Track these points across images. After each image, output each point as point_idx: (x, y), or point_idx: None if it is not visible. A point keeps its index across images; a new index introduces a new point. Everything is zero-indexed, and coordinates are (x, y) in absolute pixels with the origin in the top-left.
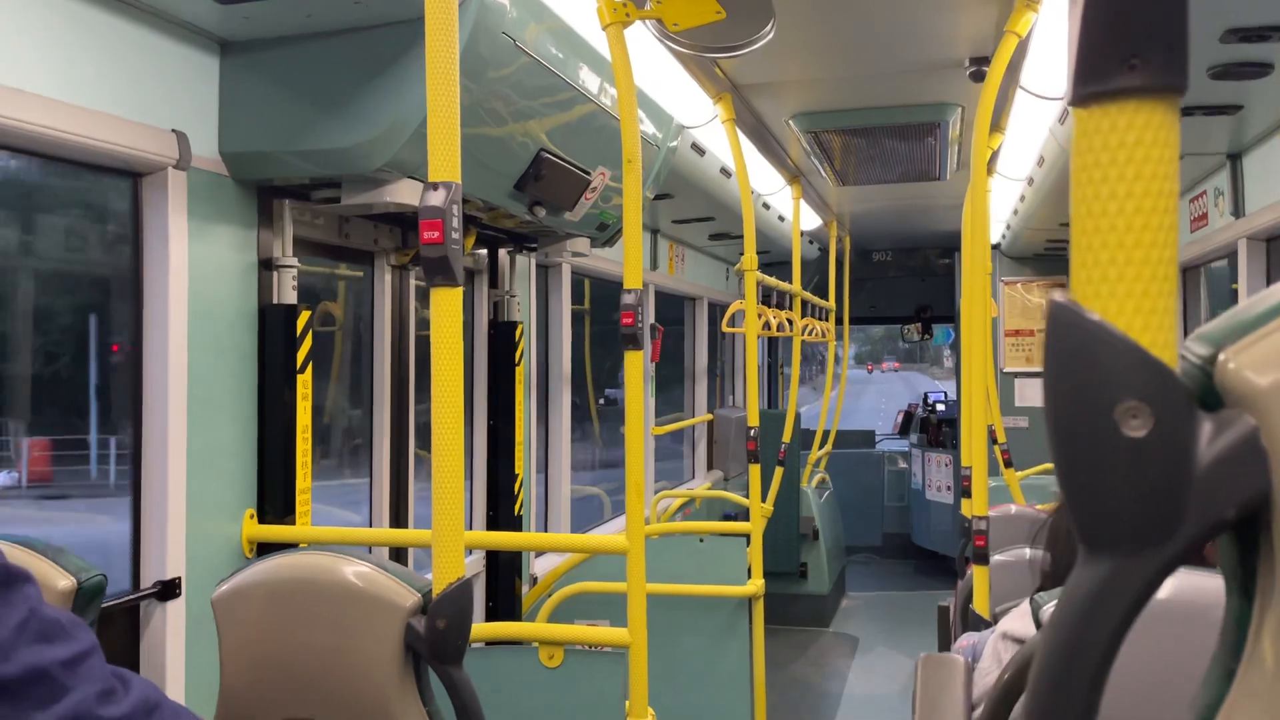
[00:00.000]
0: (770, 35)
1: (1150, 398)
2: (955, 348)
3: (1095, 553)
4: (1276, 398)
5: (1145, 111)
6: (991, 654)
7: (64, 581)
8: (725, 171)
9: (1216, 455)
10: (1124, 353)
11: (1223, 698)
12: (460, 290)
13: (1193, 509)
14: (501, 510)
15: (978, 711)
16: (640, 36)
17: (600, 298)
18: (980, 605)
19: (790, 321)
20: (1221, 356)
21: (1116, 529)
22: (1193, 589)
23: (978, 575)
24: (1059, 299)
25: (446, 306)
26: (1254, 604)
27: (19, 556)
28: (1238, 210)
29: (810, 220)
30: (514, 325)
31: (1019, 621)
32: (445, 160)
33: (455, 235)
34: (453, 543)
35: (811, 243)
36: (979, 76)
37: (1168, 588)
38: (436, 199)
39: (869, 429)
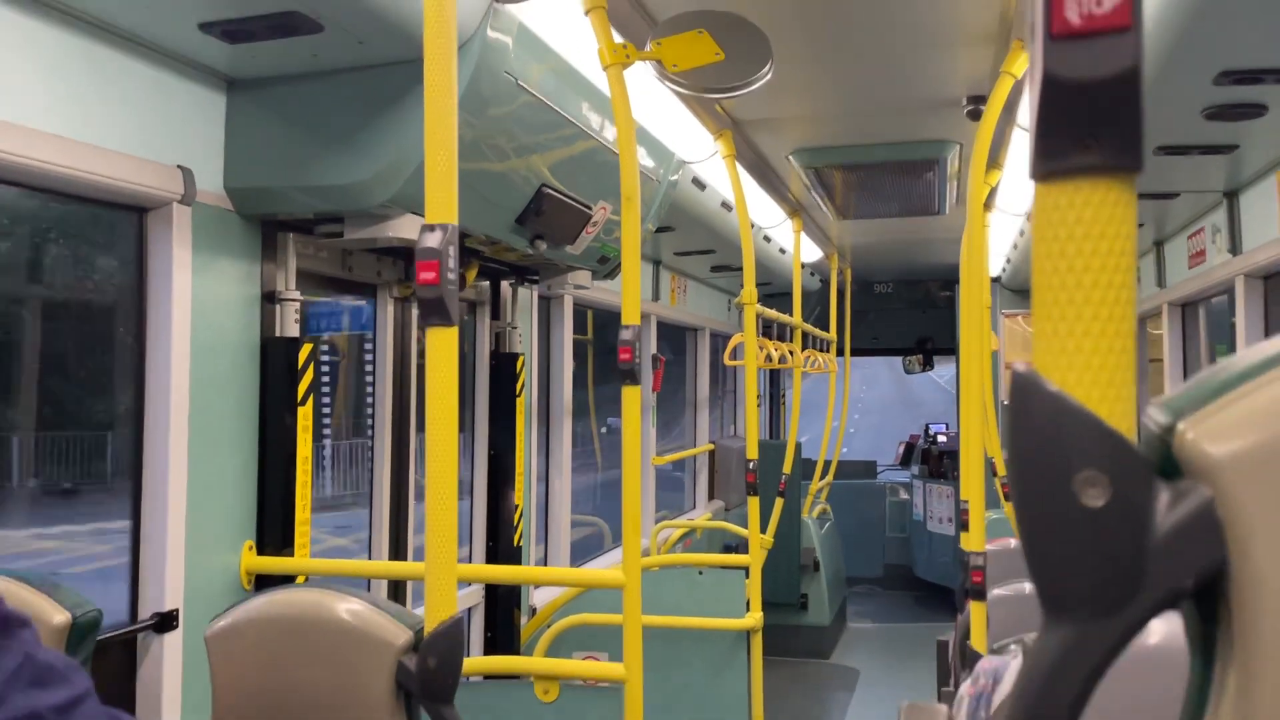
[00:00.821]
0: (768, 76)
1: (1108, 468)
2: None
3: (1057, 618)
4: (1232, 469)
5: (1101, 189)
6: (1012, 681)
7: (59, 616)
8: (726, 205)
9: (1173, 525)
10: (1082, 424)
11: None
12: (455, 330)
13: (1151, 578)
14: (501, 541)
15: None
16: (642, 73)
17: (604, 326)
18: (978, 641)
19: (791, 353)
20: (1180, 426)
21: (1076, 596)
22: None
23: (975, 611)
24: (1020, 369)
25: (442, 346)
26: (1214, 673)
27: (14, 592)
28: (1235, 247)
29: (811, 253)
30: (515, 357)
31: None
32: (443, 202)
33: (451, 276)
34: (445, 580)
35: (813, 275)
36: (976, 115)
37: (1159, 634)
38: (433, 240)
39: (870, 459)
